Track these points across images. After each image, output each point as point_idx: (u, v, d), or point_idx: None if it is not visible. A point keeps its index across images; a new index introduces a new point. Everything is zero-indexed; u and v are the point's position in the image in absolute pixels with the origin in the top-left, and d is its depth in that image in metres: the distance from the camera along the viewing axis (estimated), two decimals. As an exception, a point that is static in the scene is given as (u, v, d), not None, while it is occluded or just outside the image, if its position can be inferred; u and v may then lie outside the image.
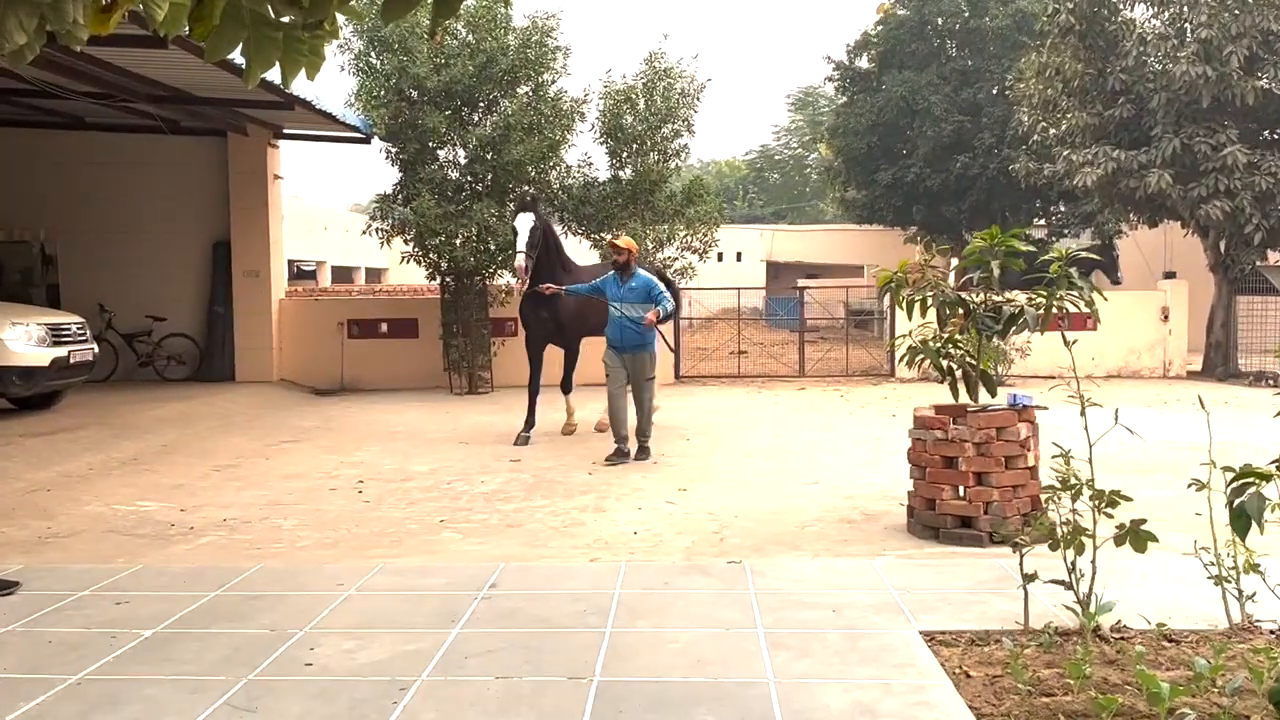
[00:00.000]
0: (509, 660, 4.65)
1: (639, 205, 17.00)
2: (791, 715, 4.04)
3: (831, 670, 4.53)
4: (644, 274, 10.47)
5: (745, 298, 30.87)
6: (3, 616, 5.34)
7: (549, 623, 5.18)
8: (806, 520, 7.62)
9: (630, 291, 10.23)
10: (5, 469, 9.66)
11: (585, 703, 4.17)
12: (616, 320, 10.21)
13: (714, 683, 4.38)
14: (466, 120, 16.47)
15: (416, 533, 7.34)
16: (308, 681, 4.43)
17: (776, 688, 4.32)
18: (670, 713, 4.07)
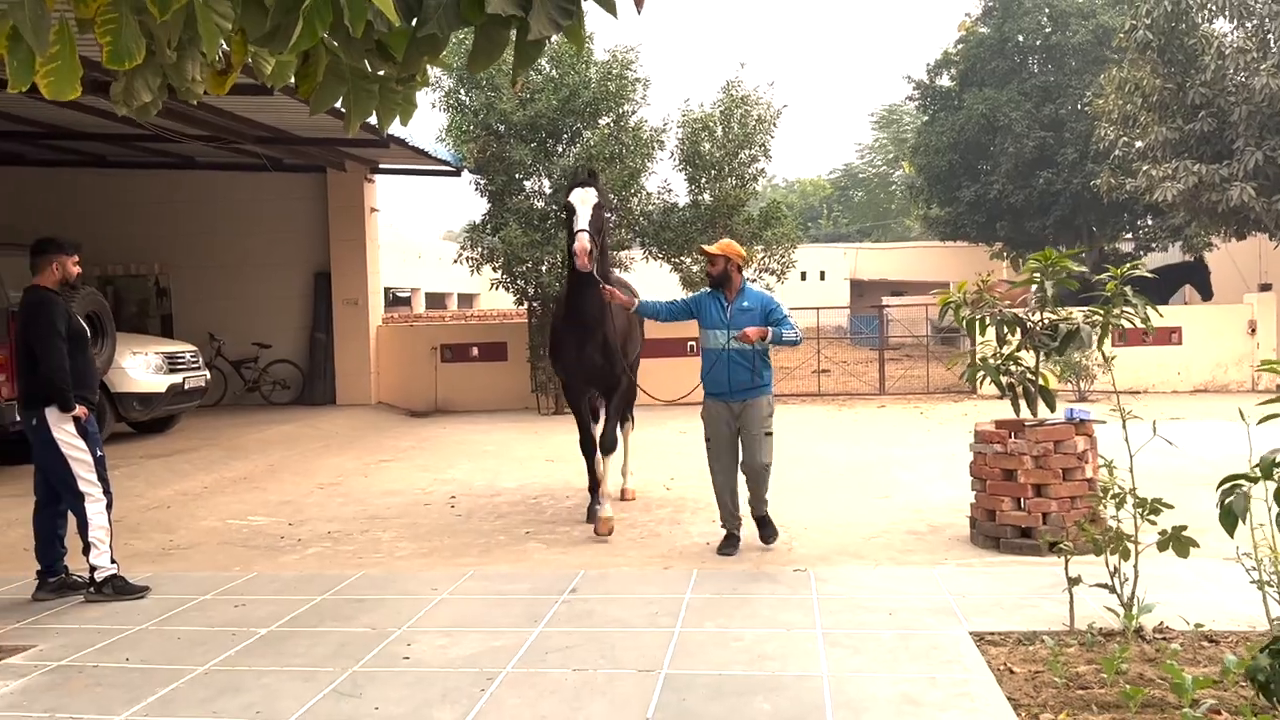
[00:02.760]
0: (585, 655, 5.09)
1: (717, 229, 17.40)
2: (840, 703, 4.41)
3: (882, 665, 4.87)
4: (758, 290, 7.66)
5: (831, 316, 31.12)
6: (138, 617, 5.95)
7: (623, 623, 5.61)
8: (874, 532, 7.93)
9: (742, 314, 7.24)
10: (129, 488, 10.42)
11: (653, 692, 4.58)
12: (719, 356, 7.25)
13: (771, 675, 4.77)
14: (551, 151, 17.06)
15: (504, 543, 7.83)
16: (405, 672, 4.92)
17: (829, 680, 4.68)
18: (729, 701, 4.47)
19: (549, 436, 14.59)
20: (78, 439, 6.32)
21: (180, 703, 4.61)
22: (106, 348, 12.01)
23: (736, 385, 7.22)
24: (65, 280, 6.58)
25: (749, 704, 4.42)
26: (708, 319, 7.34)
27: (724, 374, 7.23)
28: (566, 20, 6.19)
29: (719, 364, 7.24)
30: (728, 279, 7.35)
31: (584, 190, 7.96)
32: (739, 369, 7.20)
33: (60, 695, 4.73)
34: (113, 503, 6.63)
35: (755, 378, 7.26)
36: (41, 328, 6.36)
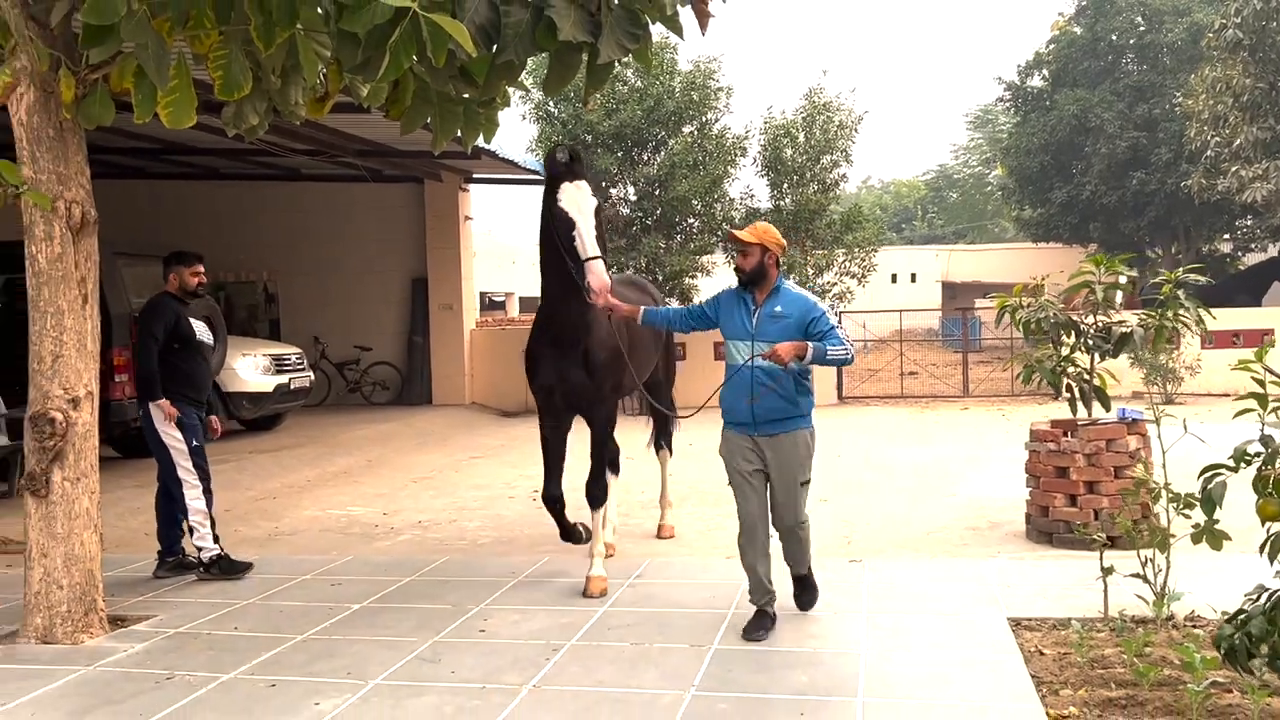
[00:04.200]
0: (643, 631, 5.54)
1: (800, 234, 17.76)
2: (872, 677, 4.78)
3: (918, 646, 5.22)
4: (797, 290, 5.73)
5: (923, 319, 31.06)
6: (246, 592, 6.57)
7: (681, 604, 6.05)
8: (933, 527, 8.23)
9: (772, 322, 5.50)
10: (239, 481, 11.17)
11: (701, 664, 5.01)
12: (742, 376, 5.55)
13: (812, 652, 5.16)
14: (636, 160, 17.59)
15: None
16: (480, 643, 5.42)
17: (866, 657, 5.06)
18: (771, 673, 4.88)
19: (630, 434, 15.01)
20: (175, 431, 6.95)
21: (282, 665, 5.17)
22: (219, 351, 12.82)
23: (763, 415, 5.46)
24: (184, 289, 7.24)
25: (788, 676, 4.82)
26: (730, 327, 5.66)
27: (747, 399, 5.47)
28: (634, 44, 6.69)
29: (741, 385, 5.51)
30: (763, 275, 5.55)
31: (576, 187, 6.22)
32: (767, 394, 5.43)
33: (178, 657, 5.34)
34: (211, 490, 7.22)
35: (789, 405, 5.46)
36: (141, 330, 7.10)
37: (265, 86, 6.33)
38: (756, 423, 5.51)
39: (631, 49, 6.47)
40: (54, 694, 4.84)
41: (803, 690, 4.64)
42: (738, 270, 5.66)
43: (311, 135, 14.02)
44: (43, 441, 5.59)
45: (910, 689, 4.64)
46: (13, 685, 4.94)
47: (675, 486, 9.26)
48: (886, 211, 56.29)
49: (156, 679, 5.01)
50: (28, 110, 5.55)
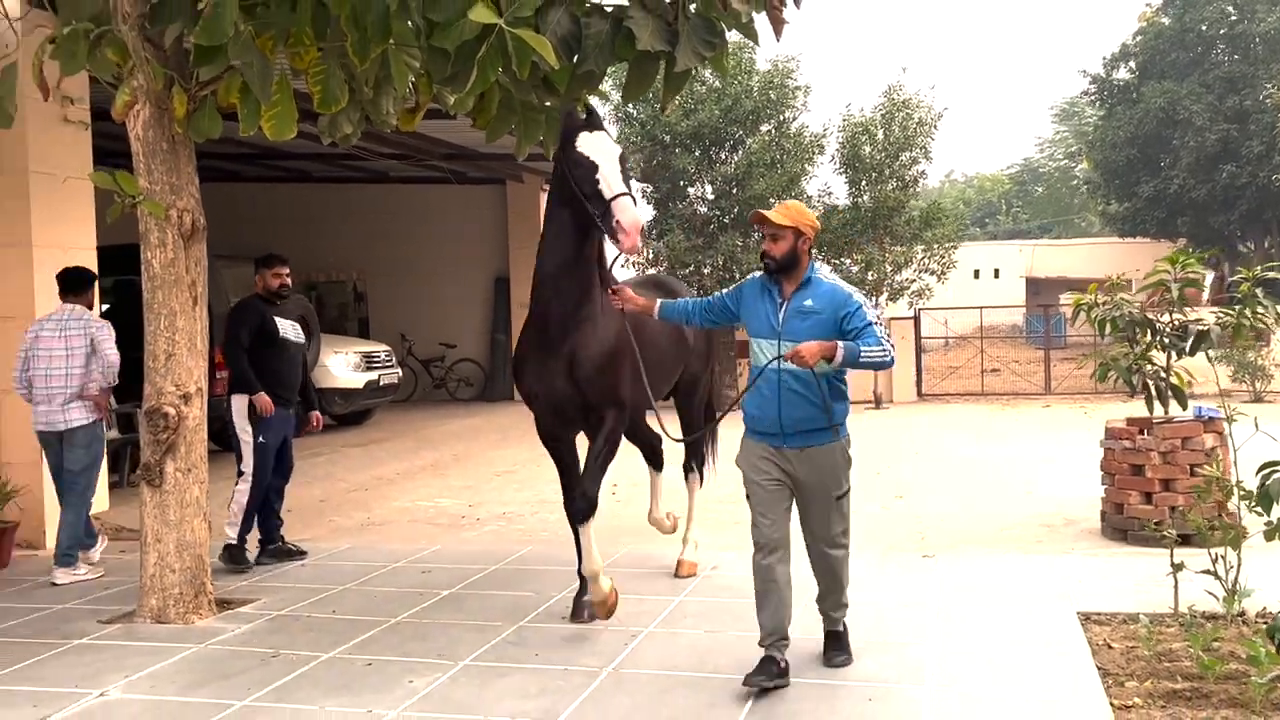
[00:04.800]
0: (718, 620, 5.75)
1: (878, 230, 17.76)
2: (939, 666, 4.94)
3: (986, 637, 5.36)
4: (831, 280, 4.93)
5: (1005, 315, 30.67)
6: (341, 578, 6.93)
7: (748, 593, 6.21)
8: (1008, 524, 8.30)
9: (800, 318, 4.80)
10: (332, 473, 11.63)
11: (774, 651, 5.21)
12: (767, 380, 4.85)
13: (881, 642, 5.32)
14: (714, 159, 17.74)
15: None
16: (561, 628, 5.69)
17: (934, 648, 5.21)
18: (840, 661, 5.06)
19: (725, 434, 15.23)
20: (246, 425, 7.31)
21: (377, 646, 5.49)
22: (312, 348, 13.32)
23: (791, 424, 4.76)
24: (267, 290, 7.59)
25: (857, 664, 5.00)
26: (754, 323, 4.96)
27: (773, 405, 4.79)
28: (710, 51, 6.92)
29: (767, 390, 4.81)
30: (794, 263, 4.82)
31: (595, 135, 5.67)
32: (795, 399, 4.74)
33: (281, 637, 5.69)
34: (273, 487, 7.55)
35: (821, 414, 4.75)
36: (228, 332, 7.46)
37: (359, 97, 6.67)
38: (784, 433, 4.78)
39: (708, 56, 6.69)
40: (169, 669, 5.21)
41: (871, 678, 4.81)
42: (764, 257, 4.87)
43: (400, 140, 14.45)
44: (157, 435, 5.99)
45: (976, 678, 4.79)
46: (133, 661, 5.32)
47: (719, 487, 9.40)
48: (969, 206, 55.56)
49: (261, 657, 5.36)
50: (144, 125, 5.94)
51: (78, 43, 6.05)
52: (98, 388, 7.07)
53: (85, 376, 7.01)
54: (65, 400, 6.99)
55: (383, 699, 4.69)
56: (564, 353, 5.66)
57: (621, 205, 5.29)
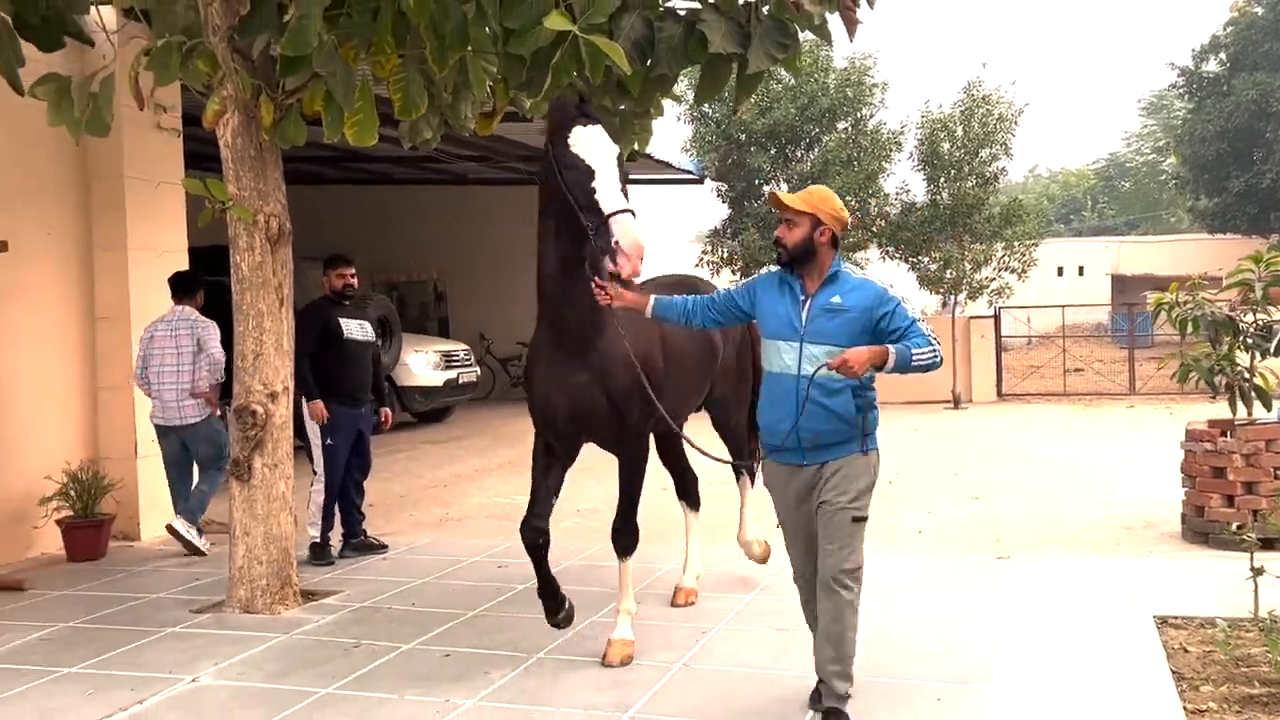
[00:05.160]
0: (790, 618, 5.76)
1: (957, 228, 17.58)
2: (1009, 665, 4.95)
3: (1057, 637, 5.34)
4: (860, 276, 4.50)
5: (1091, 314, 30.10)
6: (421, 572, 7.11)
7: (827, 594, 6.27)
8: (1086, 526, 8.22)
9: (827, 317, 4.22)
10: (411, 469, 11.88)
11: (844, 649, 5.25)
12: (784, 388, 4.26)
13: (953, 642, 5.33)
14: (790, 157, 17.73)
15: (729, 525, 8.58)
16: (634, 624, 5.77)
17: (1005, 649, 5.21)
18: (911, 660, 5.08)
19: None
20: (315, 427, 7.45)
21: (455, 638, 5.64)
22: (393, 348, 13.63)
23: (811, 439, 4.16)
24: (333, 290, 7.80)
25: (928, 664, 5.02)
26: (771, 322, 4.31)
27: (789, 416, 4.15)
28: (782, 53, 6.96)
29: (783, 400, 4.19)
30: (809, 255, 4.20)
31: (590, 130, 4.88)
32: (817, 411, 4.12)
33: (362, 628, 5.87)
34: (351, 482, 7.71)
35: (845, 426, 4.16)
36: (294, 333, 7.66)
37: (438, 103, 6.84)
38: (803, 448, 4.19)
39: (780, 58, 6.74)
40: (257, 657, 5.41)
41: (941, 678, 4.83)
42: (776, 244, 4.29)
43: (478, 142, 14.69)
44: (245, 431, 6.21)
45: (1047, 679, 4.78)
46: (223, 649, 5.54)
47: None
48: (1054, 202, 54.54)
49: (344, 647, 5.54)
50: (233, 133, 6.17)
51: (171, 54, 6.30)
52: (206, 384, 7.47)
53: (195, 374, 7.44)
54: (178, 396, 7.52)
55: (460, 689, 4.83)
56: (589, 362, 5.06)
57: (621, 225, 4.56)
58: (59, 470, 7.72)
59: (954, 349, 17.99)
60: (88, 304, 8.38)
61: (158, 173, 8.41)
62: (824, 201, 4.27)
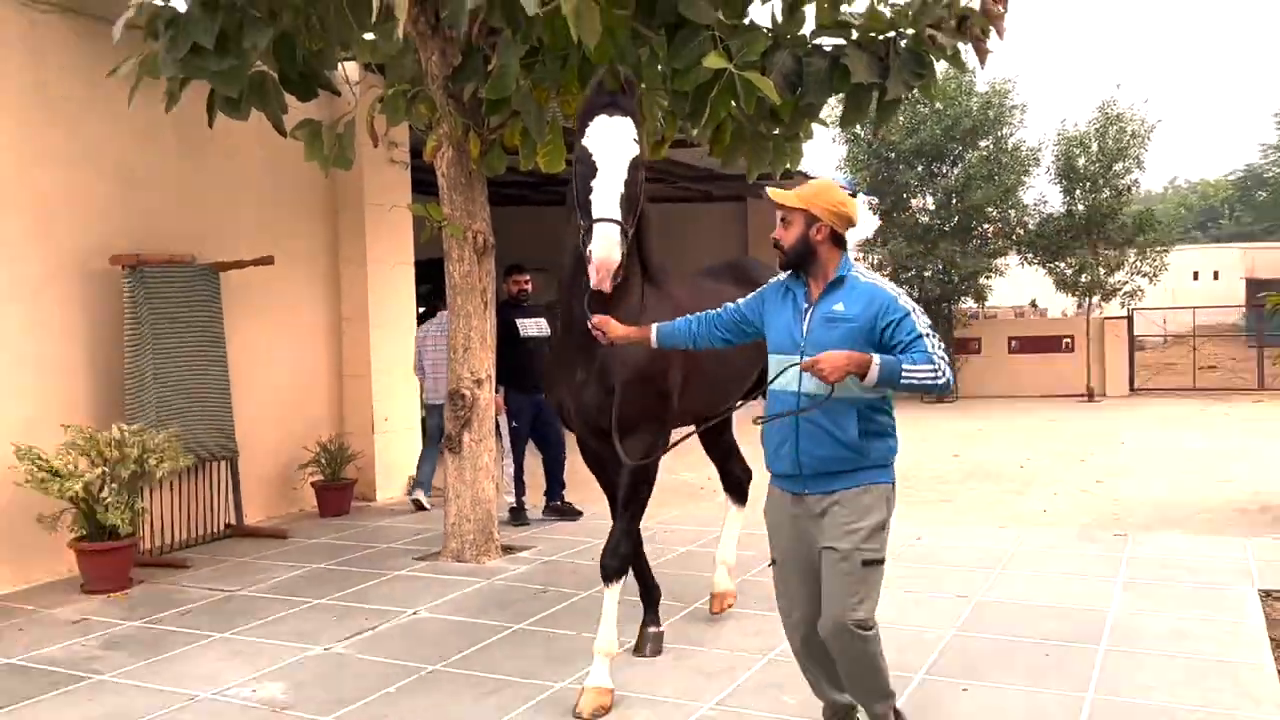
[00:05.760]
0: (917, 583, 5.78)
1: (1091, 236, 16.86)
2: (1115, 629, 4.82)
3: (1165, 608, 5.16)
4: (869, 280, 3.32)
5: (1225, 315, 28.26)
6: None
7: (953, 564, 6.21)
8: (1204, 509, 7.84)
9: (830, 327, 3.23)
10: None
11: (963, 611, 5.22)
12: (784, 406, 3.30)
13: (1064, 607, 5.22)
14: (935, 172, 17.33)
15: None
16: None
17: (1113, 614, 5.08)
18: (1024, 621, 5.01)
19: (924, 419, 14.95)
20: (502, 413, 7.71)
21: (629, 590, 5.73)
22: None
23: (812, 465, 3.24)
24: (511, 295, 8.07)
25: (1039, 624, 4.94)
26: (774, 334, 3.43)
27: (789, 439, 3.27)
28: (918, 81, 6.93)
29: (783, 422, 3.28)
30: (807, 256, 3.31)
31: (612, 122, 4.05)
32: (816, 434, 3.22)
33: (551, 577, 6.16)
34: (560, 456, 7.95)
35: (851, 454, 3.21)
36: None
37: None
38: (803, 475, 3.25)
39: (916, 86, 6.69)
40: (464, 598, 5.76)
41: (1050, 636, 4.75)
42: (776, 248, 3.36)
43: (652, 165, 14.95)
44: (457, 412, 6.60)
45: (1151, 642, 4.65)
46: (437, 590, 5.92)
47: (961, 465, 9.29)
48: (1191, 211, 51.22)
49: (534, 592, 5.83)
50: (448, 164, 6.55)
51: (399, 100, 6.75)
52: None
53: None
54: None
55: (628, 630, 5.03)
56: (595, 360, 4.28)
57: (598, 234, 3.82)
58: (314, 442, 8.33)
59: (1088, 347, 17.33)
60: (335, 307, 8.99)
61: (390, 198, 8.96)
62: (819, 195, 3.32)
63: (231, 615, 5.50)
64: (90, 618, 5.53)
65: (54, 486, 5.83)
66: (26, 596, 5.98)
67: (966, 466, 10.18)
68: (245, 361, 7.84)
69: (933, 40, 6.48)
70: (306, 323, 8.70)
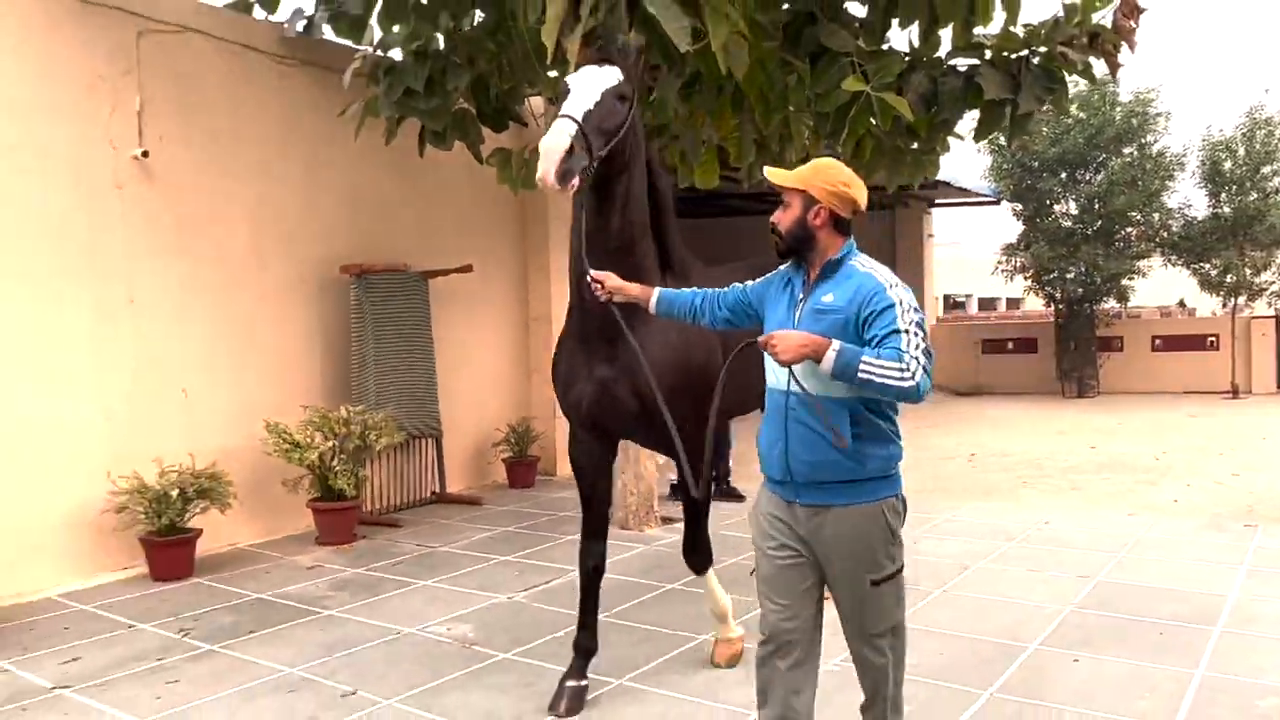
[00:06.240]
0: (1040, 562, 5.61)
1: (1238, 237, 15.59)
2: (1233, 613, 4.57)
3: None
4: (866, 269, 2.66)
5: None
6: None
7: (1077, 546, 5.99)
8: (1344, 504, 7.20)
9: (818, 317, 2.62)
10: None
11: (1083, 590, 5.04)
12: (774, 405, 2.71)
13: (1185, 591, 4.97)
14: (1078, 179, 16.41)
15: (1001, 488, 8.29)
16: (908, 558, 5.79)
17: (1233, 599, 4.79)
18: (1141, 602, 4.80)
19: (1065, 415, 14.24)
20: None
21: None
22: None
23: (802, 470, 2.64)
24: None
25: (1156, 605, 4.73)
26: (769, 327, 2.81)
27: (779, 440, 2.69)
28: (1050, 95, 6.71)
29: (775, 421, 2.72)
30: (805, 243, 2.75)
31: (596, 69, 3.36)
32: (804, 435, 2.63)
33: (702, 545, 6.30)
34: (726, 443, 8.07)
35: (848, 462, 2.59)
36: None
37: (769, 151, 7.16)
38: (794, 482, 2.65)
39: (1048, 100, 6.47)
40: (627, 560, 5.99)
41: (1165, 617, 4.55)
42: (774, 234, 2.79)
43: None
44: (622, 398, 6.83)
45: (1268, 626, 4.38)
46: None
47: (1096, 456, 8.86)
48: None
49: (687, 557, 5.99)
50: (615, 184, 6.77)
51: (575, 129, 7.01)
52: None
53: None
54: None
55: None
56: (615, 354, 3.61)
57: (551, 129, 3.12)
58: (505, 424, 8.77)
59: (1233, 345, 16.08)
60: (524, 309, 9.42)
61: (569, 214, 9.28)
62: (819, 174, 2.72)
63: (433, 567, 5.92)
64: (322, 564, 6.07)
65: (295, 456, 6.41)
66: (274, 546, 6.60)
67: (1101, 458, 9.67)
68: (449, 355, 8.34)
69: (1064, 57, 6.27)
70: (500, 322, 9.15)
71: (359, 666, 4.21)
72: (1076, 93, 15.66)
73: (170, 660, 4.34)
